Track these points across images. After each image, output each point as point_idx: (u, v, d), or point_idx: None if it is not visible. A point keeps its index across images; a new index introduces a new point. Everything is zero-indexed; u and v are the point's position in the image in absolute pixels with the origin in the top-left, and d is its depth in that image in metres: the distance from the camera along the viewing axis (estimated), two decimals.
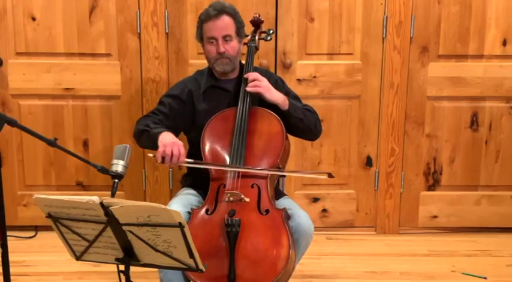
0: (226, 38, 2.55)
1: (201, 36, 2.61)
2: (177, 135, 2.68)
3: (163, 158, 2.35)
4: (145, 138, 2.51)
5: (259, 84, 2.53)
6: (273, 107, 2.58)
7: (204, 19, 2.57)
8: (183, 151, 2.38)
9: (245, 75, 2.58)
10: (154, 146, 2.43)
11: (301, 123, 2.58)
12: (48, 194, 2.26)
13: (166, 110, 2.63)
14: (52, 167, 3.46)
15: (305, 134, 2.68)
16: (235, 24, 2.57)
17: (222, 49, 2.54)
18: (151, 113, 2.65)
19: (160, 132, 2.43)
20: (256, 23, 2.79)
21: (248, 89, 2.53)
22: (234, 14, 2.58)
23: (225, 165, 2.44)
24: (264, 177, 2.42)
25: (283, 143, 2.49)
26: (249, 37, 2.74)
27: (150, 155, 2.44)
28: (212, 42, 2.56)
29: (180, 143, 2.40)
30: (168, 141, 2.38)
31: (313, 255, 3.11)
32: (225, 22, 2.54)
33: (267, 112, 2.55)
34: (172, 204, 2.44)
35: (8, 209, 3.02)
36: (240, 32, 2.60)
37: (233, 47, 2.57)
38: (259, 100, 2.61)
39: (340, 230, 3.57)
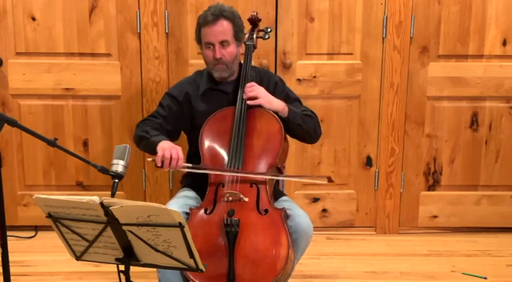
0: (223, 43, 2.52)
1: (199, 39, 2.59)
2: (178, 135, 2.69)
3: (162, 162, 2.35)
4: (144, 145, 2.53)
5: (258, 95, 2.52)
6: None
7: (202, 23, 2.55)
8: (181, 155, 2.37)
9: (245, 87, 2.56)
10: (152, 153, 2.44)
11: (300, 129, 2.58)
12: (48, 194, 2.25)
13: (166, 113, 2.63)
14: (52, 167, 3.46)
15: (303, 139, 2.69)
16: (234, 28, 2.54)
17: (218, 55, 2.53)
18: (151, 117, 2.65)
19: (160, 140, 2.43)
20: (254, 21, 2.76)
21: (249, 102, 2.51)
22: (232, 18, 2.54)
23: (223, 170, 2.42)
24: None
25: (281, 143, 2.48)
26: (246, 36, 2.71)
27: (149, 159, 2.45)
28: (209, 47, 2.54)
29: (179, 147, 2.40)
30: (167, 146, 2.38)
31: (313, 255, 3.11)
32: (223, 27, 2.52)
33: (265, 111, 2.54)
34: (170, 205, 2.43)
35: (8, 209, 3.03)
36: (238, 36, 2.57)
37: (230, 52, 2.54)
38: None
39: (340, 230, 3.57)
